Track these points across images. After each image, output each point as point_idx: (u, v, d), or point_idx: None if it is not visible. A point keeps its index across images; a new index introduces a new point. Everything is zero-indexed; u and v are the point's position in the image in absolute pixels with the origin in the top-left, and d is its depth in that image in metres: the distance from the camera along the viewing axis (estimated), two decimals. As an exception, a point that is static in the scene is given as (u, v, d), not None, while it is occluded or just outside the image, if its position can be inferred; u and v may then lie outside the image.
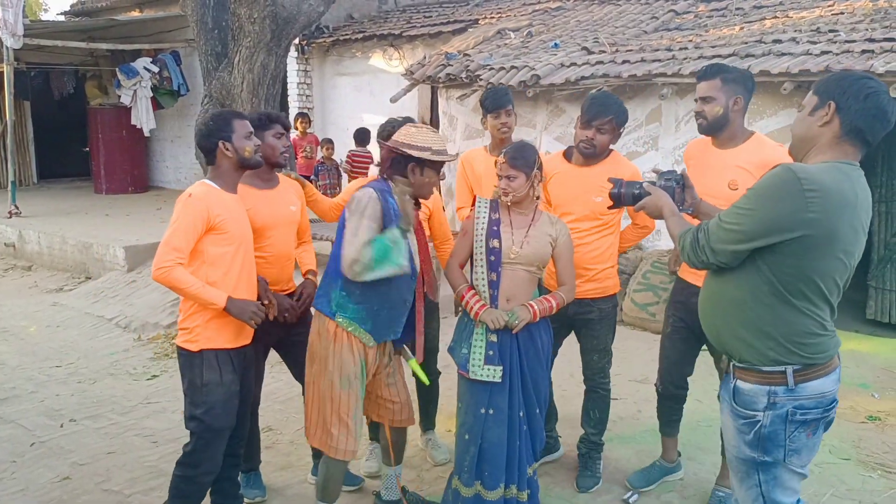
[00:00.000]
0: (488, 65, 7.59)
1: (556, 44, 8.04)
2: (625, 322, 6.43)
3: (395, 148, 2.95)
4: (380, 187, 2.93)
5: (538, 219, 3.17)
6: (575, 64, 7.04)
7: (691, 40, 7.13)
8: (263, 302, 3.14)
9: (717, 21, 8.09)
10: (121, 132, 12.81)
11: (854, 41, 5.88)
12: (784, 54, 5.96)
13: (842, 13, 7.15)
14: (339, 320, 2.93)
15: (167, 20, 12.15)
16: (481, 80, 7.36)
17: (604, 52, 7.29)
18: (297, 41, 10.20)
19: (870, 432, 4.29)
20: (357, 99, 10.68)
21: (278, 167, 3.43)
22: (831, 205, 2.07)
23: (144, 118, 12.34)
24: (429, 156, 2.93)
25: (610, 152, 3.53)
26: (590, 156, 3.45)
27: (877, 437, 4.23)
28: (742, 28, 7.32)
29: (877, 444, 4.15)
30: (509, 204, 3.12)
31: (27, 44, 10.54)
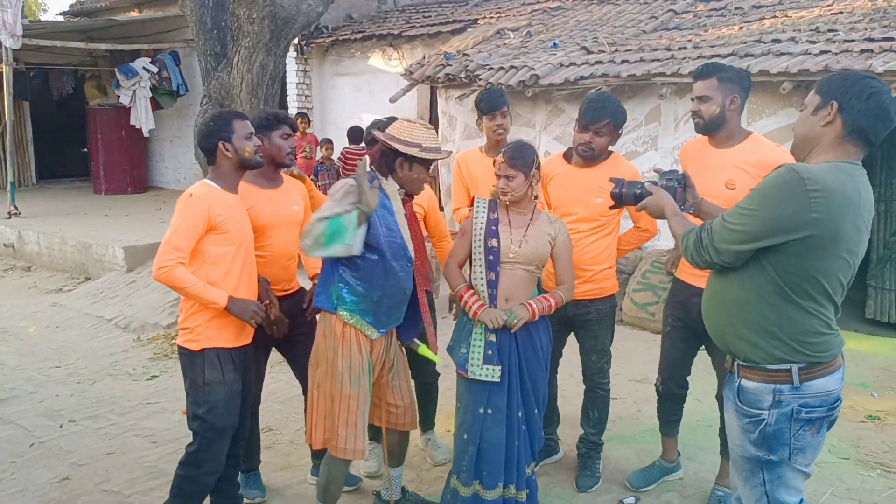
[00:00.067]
0: (487, 65, 7.58)
1: (555, 44, 8.04)
2: (624, 322, 6.44)
3: (385, 141, 2.95)
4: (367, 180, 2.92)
5: (537, 218, 3.17)
6: (574, 64, 7.04)
7: (690, 40, 7.13)
8: (264, 302, 3.15)
9: (716, 21, 8.08)
10: (120, 132, 12.81)
11: (853, 41, 5.88)
12: (783, 54, 5.95)
13: (841, 13, 7.15)
14: (342, 314, 2.93)
15: (166, 20, 12.15)
16: (480, 79, 7.35)
17: (603, 51, 7.29)
18: (296, 41, 10.19)
19: (869, 432, 4.29)
20: (356, 99, 10.68)
21: (283, 167, 3.43)
22: (835, 205, 2.07)
23: (143, 118, 12.34)
24: (417, 152, 2.91)
25: (610, 154, 3.53)
26: (588, 158, 3.45)
27: (876, 437, 4.24)
28: (741, 28, 7.32)
29: (876, 443, 4.15)
30: (508, 203, 3.12)
31: (26, 44, 10.55)
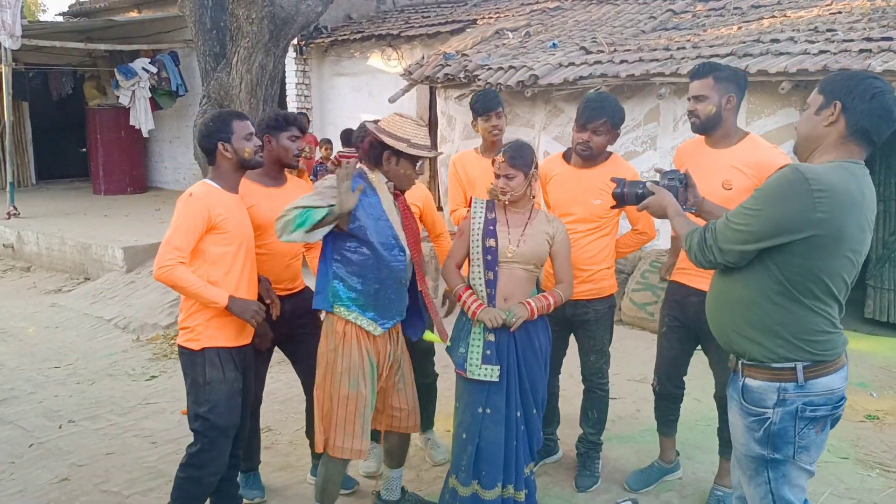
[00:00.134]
0: (486, 65, 7.58)
1: (554, 44, 8.04)
2: (623, 322, 6.44)
3: (374, 133, 2.94)
4: (353, 175, 2.92)
5: (535, 217, 3.17)
6: (573, 64, 7.03)
7: (689, 40, 7.13)
8: (266, 301, 3.15)
9: (714, 21, 8.08)
10: (119, 133, 12.81)
11: (852, 40, 5.88)
12: (782, 54, 5.96)
13: (839, 12, 7.15)
14: (340, 310, 2.92)
15: (165, 21, 12.15)
16: (479, 80, 7.34)
17: (602, 51, 7.29)
18: (295, 42, 10.20)
19: (868, 431, 4.30)
20: (355, 99, 10.68)
21: (290, 169, 3.44)
22: (839, 204, 2.07)
23: (143, 119, 12.35)
24: (404, 147, 2.89)
25: (609, 154, 3.53)
26: (587, 158, 3.45)
27: (875, 436, 4.24)
28: (740, 27, 7.32)
29: (875, 442, 4.16)
30: (507, 203, 3.13)
31: (25, 45, 10.55)
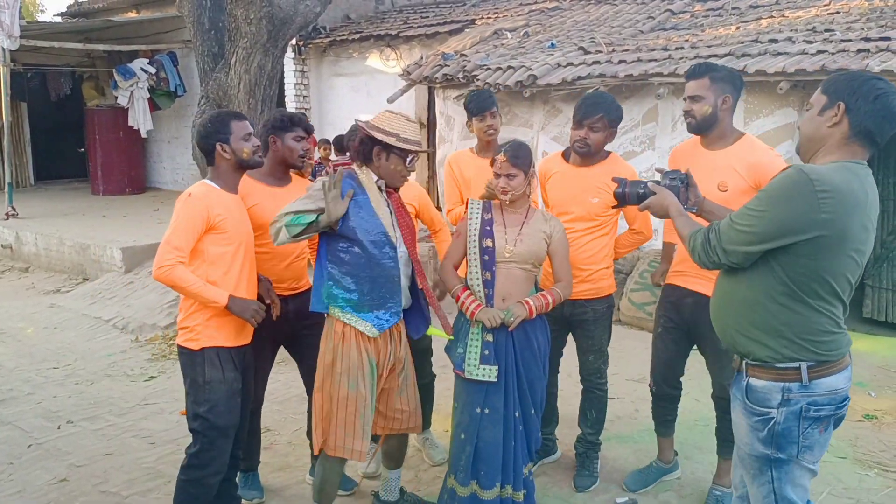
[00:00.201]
0: (485, 65, 7.58)
1: (552, 44, 8.04)
2: (622, 321, 6.45)
3: (364, 128, 2.94)
4: (343, 176, 2.94)
5: (531, 216, 3.18)
6: (571, 64, 7.04)
7: (687, 40, 7.14)
8: (266, 301, 3.15)
9: (713, 21, 8.09)
10: (118, 133, 12.80)
11: (850, 40, 5.88)
12: (780, 54, 5.96)
13: (837, 12, 7.15)
14: (335, 312, 2.92)
15: (164, 21, 12.14)
16: (478, 80, 7.34)
17: (600, 51, 7.29)
18: (293, 42, 10.19)
19: (866, 431, 4.30)
20: (354, 100, 10.68)
21: (294, 169, 3.44)
22: (843, 205, 2.08)
23: (141, 119, 12.34)
24: (393, 142, 2.89)
25: (608, 154, 3.54)
26: (585, 155, 3.46)
27: (873, 436, 4.24)
28: (738, 28, 7.32)
29: (873, 442, 4.16)
30: (508, 202, 3.13)
31: (24, 45, 10.54)
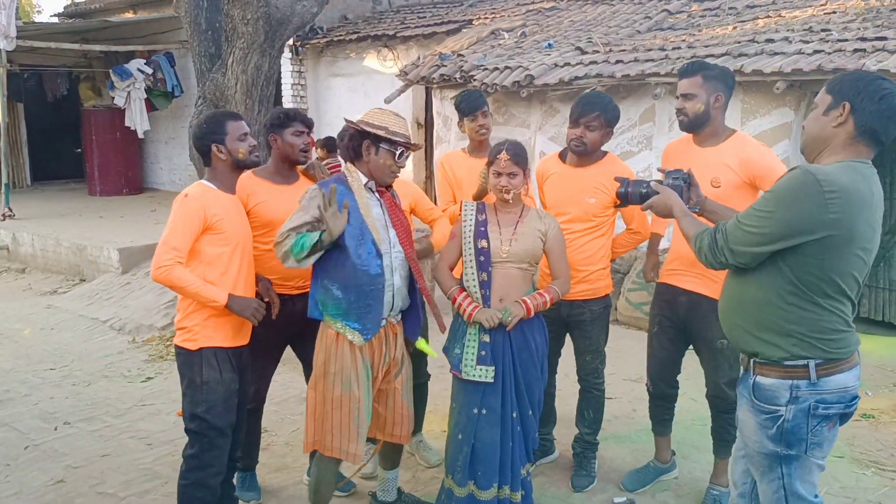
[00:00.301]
0: (482, 65, 7.58)
1: (549, 44, 8.04)
2: (619, 321, 6.45)
3: (352, 124, 2.95)
4: (332, 181, 2.95)
5: (526, 215, 3.18)
6: (569, 64, 7.04)
7: (684, 40, 7.14)
8: (265, 300, 3.15)
9: (710, 21, 8.09)
10: (115, 134, 12.77)
11: (846, 40, 5.89)
12: (777, 53, 5.97)
13: (834, 12, 7.16)
14: (327, 319, 2.94)
15: (161, 21, 12.13)
16: (475, 80, 7.34)
17: (597, 51, 7.29)
18: (290, 42, 10.18)
19: (863, 430, 4.31)
20: (351, 100, 10.66)
21: (298, 164, 3.42)
22: (850, 205, 2.09)
23: (138, 120, 12.32)
24: (383, 133, 2.90)
25: (604, 154, 3.54)
26: (581, 154, 3.46)
27: (870, 435, 4.25)
28: (735, 27, 7.33)
29: (870, 441, 4.17)
30: (509, 201, 3.12)
31: (20, 46, 10.51)
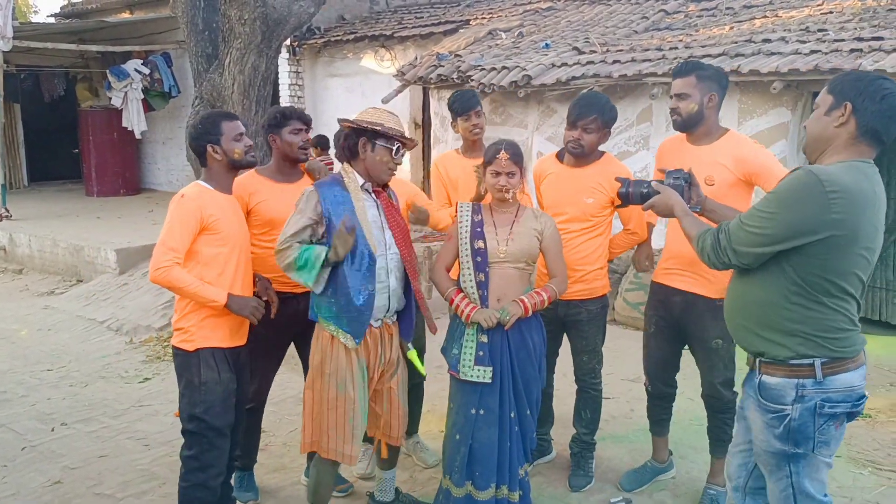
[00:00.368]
0: (479, 65, 7.58)
1: (546, 44, 8.04)
2: (617, 321, 6.45)
3: (347, 122, 2.97)
4: (328, 181, 2.98)
5: (521, 215, 3.18)
6: (566, 64, 7.04)
7: (681, 40, 7.15)
8: (263, 299, 3.15)
9: (706, 21, 8.10)
10: (112, 134, 12.74)
11: (843, 40, 5.90)
12: (773, 54, 5.97)
13: (831, 12, 7.18)
14: (322, 322, 2.96)
15: (158, 22, 12.10)
16: (472, 80, 7.35)
17: (594, 52, 7.30)
18: (288, 42, 10.16)
19: (860, 430, 4.31)
20: (349, 100, 10.66)
21: (298, 162, 3.43)
22: (853, 205, 2.10)
23: (135, 120, 12.29)
24: (379, 129, 2.93)
25: (602, 154, 3.54)
26: (579, 155, 3.46)
27: (867, 435, 4.26)
28: (732, 28, 7.34)
29: (867, 441, 4.18)
30: (511, 200, 3.13)
31: (17, 46, 10.48)
